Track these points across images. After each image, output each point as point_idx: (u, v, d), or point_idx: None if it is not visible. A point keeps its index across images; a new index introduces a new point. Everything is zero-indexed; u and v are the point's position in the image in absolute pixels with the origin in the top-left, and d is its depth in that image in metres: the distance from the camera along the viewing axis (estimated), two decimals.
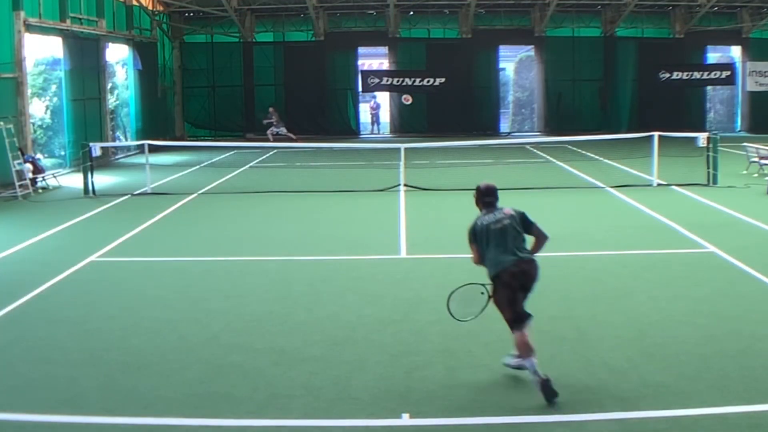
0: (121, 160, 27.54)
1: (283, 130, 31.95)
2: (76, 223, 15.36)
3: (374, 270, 11.37)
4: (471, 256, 7.46)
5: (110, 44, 28.04)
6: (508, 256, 7.16)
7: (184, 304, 9.75)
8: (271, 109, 32.61)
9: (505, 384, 7.02)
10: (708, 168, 18.76)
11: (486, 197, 7.85)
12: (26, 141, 20.95)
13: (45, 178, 20.53)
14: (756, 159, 20.26)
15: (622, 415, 6.34)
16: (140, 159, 22.93)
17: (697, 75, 35.30)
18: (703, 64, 36.08)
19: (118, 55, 29.59)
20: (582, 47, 35.40)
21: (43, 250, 12.99)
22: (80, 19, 25.11)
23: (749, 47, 35.59)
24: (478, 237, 7.38)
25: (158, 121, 32.11)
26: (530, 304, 9.32)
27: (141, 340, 8.37)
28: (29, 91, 22.14)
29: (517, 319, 7.02)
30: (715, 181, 18.52)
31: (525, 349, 6.83)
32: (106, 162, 25.54)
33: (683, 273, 10.85)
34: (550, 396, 6.57)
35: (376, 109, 39.02)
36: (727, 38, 36.11)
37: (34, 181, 19.76)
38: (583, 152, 26.29)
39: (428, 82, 34.92)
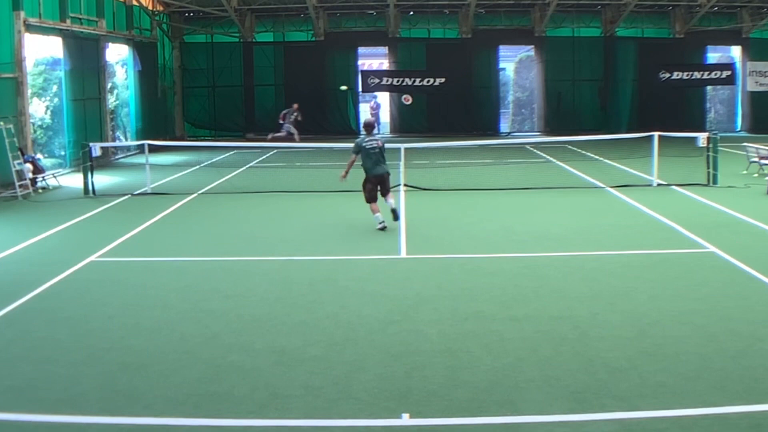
0: (121, 160, 27.54)
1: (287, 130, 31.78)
2: (76, 223, 15.36)
3: (374, 270, 11.38)
4: (350, 161, 14.34)
5: (110, 44, 28.05)
6: (376, 168, 14.02)
7: (184, 304, 9.75)
8: (296, 106, 32.30)
9: (505, 384, 7.02)
10: (708, 168, 18.77)
11: (367, 128, 14.89)
12: (26, 141, 20.94)
13: (45, 178, 20.53)
14: (756, 159, 20.26)
15: (622, 414, 6.35)
16: (140, 159, 22.93)
17: (697, 75, 35.29)
18: (703, 64, 36.07)
19: (118, 55, 29.59)
20: (582, 47, 35.39)
21: (43, 250, 12.99)
22: (80, 19, 25.11)
23: (749, 47, 35.59)
24: (361, 151, 14.08)
25: (158, 121, 32.11)
26: (529, 305, 9.39)
27: (141, 340, 8.38)
28: (29, 91, 22.13)
29: (369, 199, 14.07)
30: (715, 181, 18.52)
31: (374, 210, 14.01)
32: (106, 162, 25.54)
33: (683, 273, 10.85)
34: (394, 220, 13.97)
35: (377, 109, 39.02)
36: (727, 38, 36.12)
37: (34, 181, 19.76)
38: (583, 152, 26.30)
39: (428, 82, 34.92)
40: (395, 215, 14.08)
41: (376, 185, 14.03)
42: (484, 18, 35.16)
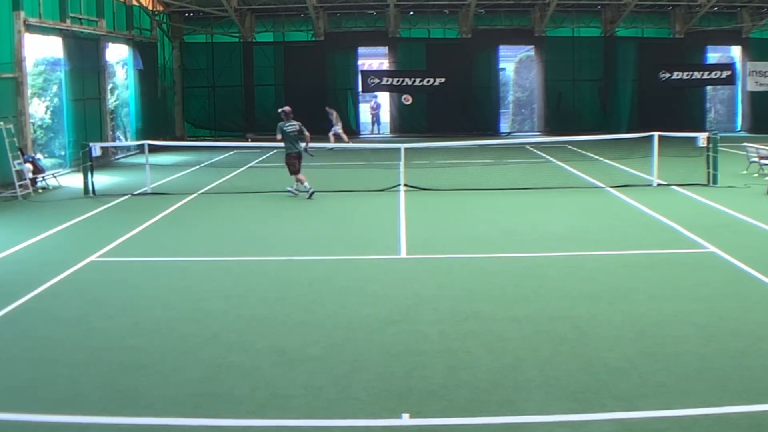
0: (121, 160, 27.54)
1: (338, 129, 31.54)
2: (76, 223, 15.36)
3: (374, 270, 11.38)
4: (279, 139, 17.90)
5: (110, 44, 28.05)
6: (294, 147, 17.61)
7: (184, 304, 9.75)
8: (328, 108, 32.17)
9: (505, 384, 7.02)
10: (708, 168, 18.76)
11: (286, 115, 17.61)
12: (26, 141, 20.94)
13: (45, 178, 20.52)
14: (756, 159, 20.26)
15: (622, 414, 6.35)
16: (140, 159, 22.93)
17: (697, 75, 35.32)
18: (703, 64, 36.10)
19: (118, 55, 29.59)
20: (582, 47, 35.40)
21: (43, 250, 12.99)
22: (80, 19, 25.11)
23: (749, 47, 35.61)
24: (283, 133, 17.52)
25: (158, 121, 32.11)
26: (529, 305, 9.39)
27: (141, 340, 8.38)
28: (29, 91, 22.13)
29: (295, 171, 17.69)
30: (715, 181, 18.52)
31: (301, 180, 17.63)
32: (106, 162, 25.54)
33: (683, 273, 10.85)
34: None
35: (377, 110, 39.00)
36: (727, 38, 36.13)
37: (34, 181, 19.75)
38: (583, 152, 26.30)
39: (428, 82, 34.93)
40: (293, 192, 18.05)
41: (295, 161, 17.72)
42: (484, 18, 35.17)
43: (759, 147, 20.35)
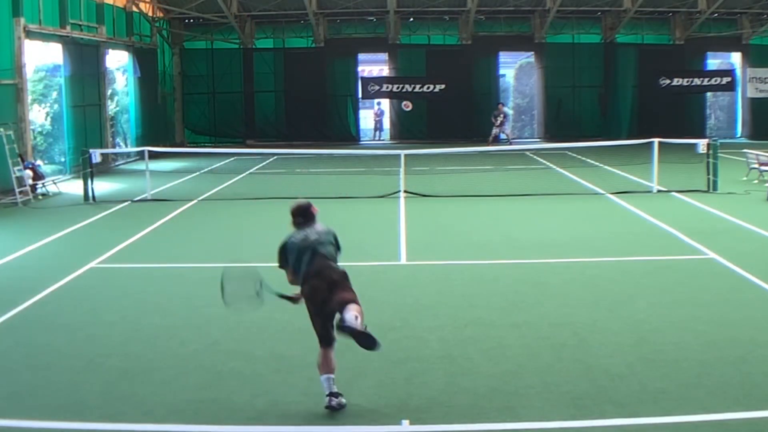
0: (121, 167, 27.55)
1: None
2: (75, 229, 15.36)
3: (374, 276, 11.36)
4: None
5: (110, 50, 28.09)
6: None
7: (184, 310, 9.75)
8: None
9: (505, 390, 7.01)
10: (708, 174, 18.76)
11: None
12: (26, 147, 20.96)
13: (45, 184, 20.53)
14: (756, 165, 20.26)
15: (622, 421, 6.34)
16: (140, 165, 22.94)
17: (697, 81, 35.37)
18: (703, 70, 36.17)
19: (118, 61, 29.63)
20: (582, 53, 35.45)
21: (43, 257, 12.99)
22: (80, 25, 25.16)
23: (749, 54, 35.67)
24: None
25: (158, 128, 32.11)
26: (530, 311, 9.38)
27: (141, 346, 8.37)
28: (29, 98, 22.16)
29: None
30: (715, 188, 18.52)
31: None
32: (106, 168, 25.54)
33: (683, 279, 10.85)
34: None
35: (380, 116, 38.96)
36: (727, 44, 36.21)
37: (34, 187, 19.76)
38: (583, 158, 26.32)
39: (428, 88, 34.95)
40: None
41: None
42: (484, 24, 35.22)
43: (759, 153, 20.36)
